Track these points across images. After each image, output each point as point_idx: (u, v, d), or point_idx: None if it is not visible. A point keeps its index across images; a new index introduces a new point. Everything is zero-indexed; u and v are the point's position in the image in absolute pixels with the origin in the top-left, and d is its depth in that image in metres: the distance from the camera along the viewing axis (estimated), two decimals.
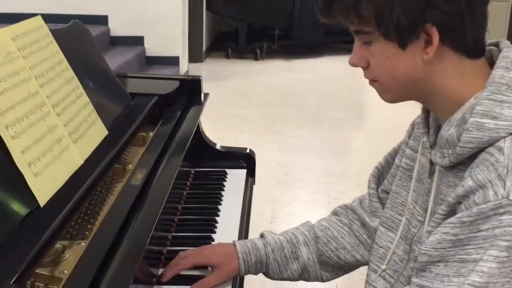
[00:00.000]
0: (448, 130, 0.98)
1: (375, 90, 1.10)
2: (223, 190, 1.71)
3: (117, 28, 5.76)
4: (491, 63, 1.01)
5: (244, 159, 1.89)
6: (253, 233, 1.52)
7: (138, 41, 5.82)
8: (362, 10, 0.96)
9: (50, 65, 1.28)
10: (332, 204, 1.29)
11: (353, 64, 1.06)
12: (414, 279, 0.98)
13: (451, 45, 0.97)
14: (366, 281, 1.23)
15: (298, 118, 4.97)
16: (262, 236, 1.36)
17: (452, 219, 0.92)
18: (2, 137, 1.04)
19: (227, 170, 1.83)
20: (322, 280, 1.36)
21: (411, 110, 1.23)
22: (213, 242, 1.43)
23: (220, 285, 1.25)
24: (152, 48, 5.87)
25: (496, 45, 1.03)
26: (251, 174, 1.87)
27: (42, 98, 1.19)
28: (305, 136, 4.53)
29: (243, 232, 1.55)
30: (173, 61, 5.89)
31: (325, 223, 1.37)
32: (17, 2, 5.31)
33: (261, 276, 1.34)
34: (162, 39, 5.84)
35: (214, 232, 1.48)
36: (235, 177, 1.81)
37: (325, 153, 4.20)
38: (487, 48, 1.04)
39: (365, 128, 4.92)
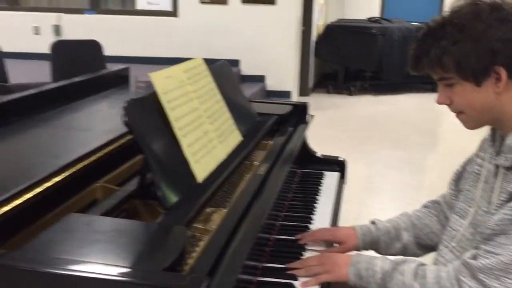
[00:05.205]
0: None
1: (444, 120, 1.14)
2: (320, 185, 1.78)
3: (246, 69, 5.98)
4: None
5: (337, 165, 1.94)
6: (342, 222, 1.59)
7: (261, 79, 6.00)
8: (444, 63, 0.98)
9: (206, 90, 1.40)
10: (406, 209, 1.31)
11: (439, 103, 1.07)
12: (482, 246, 0.99)
13: None
14: (437, 253, 1.23)
15: (382, 140, 4.91)
16: (373, 222, 1.37)
17: (511, 203, 0.94)
18: (176, 135, 1.16)
19: (324, 172, 1.89)
20: (417, 256, 1.35)
21: (473, 138, 1.23)
22: (312, 221, 1.48)
23: None
24: (271, 84, 6.03)
25: None
26: (342, 176, 1.91)
27: (201, 112, 1.31)
28: (387, 155, 4.49)
29: (335, 218, 1.59)
30: (287, 94, 6.01)
31: (419, 214, 1.37)
32: (180, 50, 5.69)
33: None
34: (279, 78, 5.99)
35: (313, 214, 1.54)
36: (330, 177, 1.86)
37: (403, 169, 4.14)
38: None
39: (436, 150, 4.78)
